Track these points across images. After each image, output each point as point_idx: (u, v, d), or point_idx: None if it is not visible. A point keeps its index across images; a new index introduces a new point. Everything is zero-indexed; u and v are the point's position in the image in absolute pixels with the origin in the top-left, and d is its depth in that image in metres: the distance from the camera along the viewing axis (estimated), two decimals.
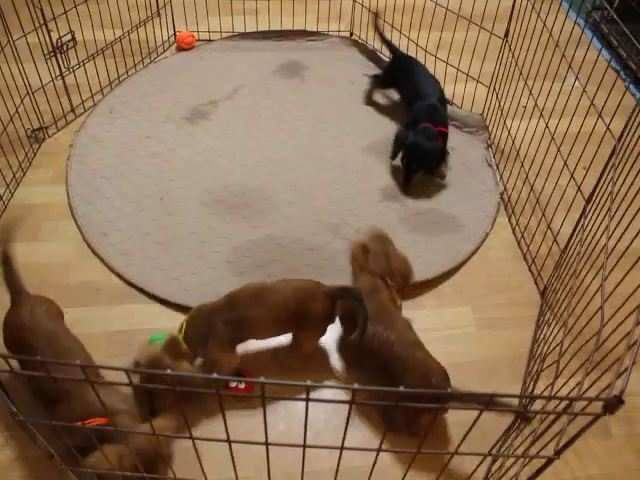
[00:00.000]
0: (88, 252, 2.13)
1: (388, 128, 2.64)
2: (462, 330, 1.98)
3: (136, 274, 2.07)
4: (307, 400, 0.81)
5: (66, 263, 2.10)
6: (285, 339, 1.88)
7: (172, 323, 1.91)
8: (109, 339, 1.90)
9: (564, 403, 1.24)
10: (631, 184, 1.51)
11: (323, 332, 1.82)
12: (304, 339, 1.84)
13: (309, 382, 0.81)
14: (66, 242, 2.16)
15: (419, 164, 2.31)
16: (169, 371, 0.79)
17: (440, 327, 1.98)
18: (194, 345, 1.67)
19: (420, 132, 2.30)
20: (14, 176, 2.34)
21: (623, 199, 1.51)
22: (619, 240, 1.47)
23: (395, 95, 2.77)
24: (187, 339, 1.67)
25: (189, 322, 1.70)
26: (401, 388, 0.78)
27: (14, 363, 1.60)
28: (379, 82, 2.78)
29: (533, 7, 2.15)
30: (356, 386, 0.79)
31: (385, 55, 2.98)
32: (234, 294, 1.73)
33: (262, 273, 2.07)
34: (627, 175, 1.56)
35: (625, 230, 1.46)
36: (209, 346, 1.66)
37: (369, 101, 2.77)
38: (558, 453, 0.97)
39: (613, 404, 0.84)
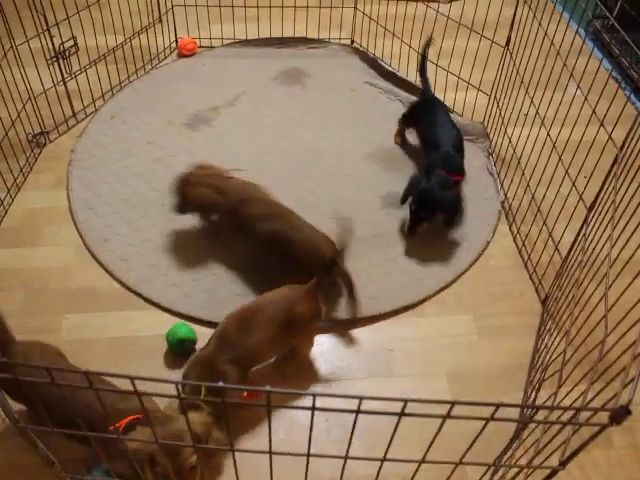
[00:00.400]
0: (89, 257, 2.13)
1: (389, 136, 2.64)
2: (463, 338, 1.97)
3: (137, 280, 2.06)
4: (313, 409, 0.81)
5: (67, 268, 2.09)
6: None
7: None
8: (109, 345, 1.89)
9: (567, 413, 1.23)
10: (634, 193, 1.51)
11: (315, 332, 1.82)
12: (300, 344, 1.84)
13: (315, 391, 0.80)
14: (67, 247, 2.15)
15: (428, 213, 2.15)
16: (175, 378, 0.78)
17: (441, 335, 1.98)
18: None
19: (434, 179, 2.16)
20: (15, 181, 2.33)
21: (626, 208, 1.51)
22: (622, 249, 1.48)
23: (392, 107, 2.78)
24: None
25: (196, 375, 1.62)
26: (409, 397, 0.78)
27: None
28: (404, 121, 2.58)
29: (534, 16, 2.15)
30: (363, 395, 0.79)
31: (386, 62, 2.98)
32: (223, 332, 1.67)
33: (263, 281, 2.06)
34: (630, 184, 1.56)
35: (628, 239, 1.46)
36: (227, 393, 1.61)
37: (401, 141, 2.62)
38: (563, 464, 0.96)
39: (620, 415, 0.83)
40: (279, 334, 1.69)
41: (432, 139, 2.33)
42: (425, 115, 2.44)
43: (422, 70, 2.55)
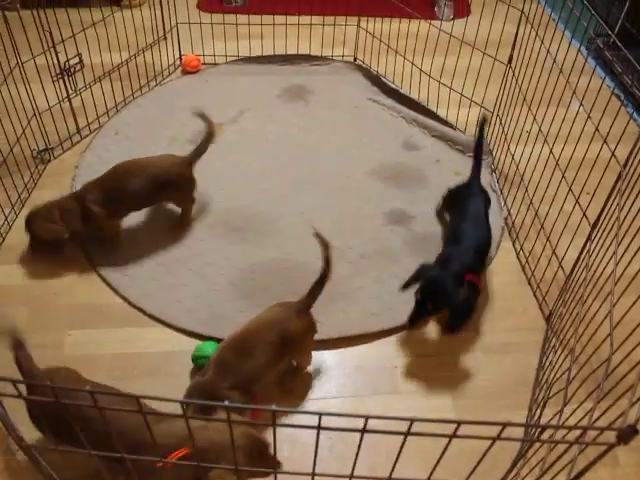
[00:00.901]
0: (92, 273, 2.13)
1: (393, 153, 2.65)
2: (467, 355, 1.96)
3: (140, 296, 2.06)
4: (318, 428, 0.81)
5: (70, 284, 2.09)
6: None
7: (175, 346, 1.91)
8: (112, 362, 1.89)
9: (573, 432, 1.23)
10: (638, 211, 1.51)
11: (312, 345, 1.83)
12: (299, 359, 1.84)
13: (319, 409, 0.80)
14: (71, 263, 2.15)
15: (435, 306, 1.88)
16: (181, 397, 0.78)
17: (445, 352, 1.97)
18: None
19: (448, 270, 1.91)
20: (19, 197, 2.34)
21: (630, 225, 1.51)
22: (627, 266, 1.47)
23: (395, 124, 2.79)
24: None
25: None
26: (414, 414, 0.77)
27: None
28: (442, 202, 2.35)
29: (537, 34, 2.17)
30: (368, 414, 0.79)
31: (389, 79, 3.00)
32: (220, 359, 1.67)
33: (266, 296, 2.06)
34: (634, 201, 1.56)
35: (633, 257, 1.45)
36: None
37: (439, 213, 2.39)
38: None
39: (627, 434, 0.83)
40: (276, 355, 1.69)
41: (456, 230, 2.08)
42: (459, 202, 2.19)
43: (477, 150, 2.27)
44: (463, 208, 2.13)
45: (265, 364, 1.67)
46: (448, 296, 1.86)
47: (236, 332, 1.72)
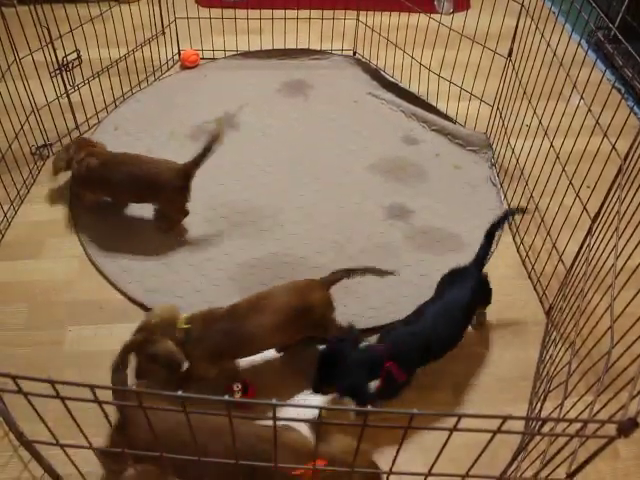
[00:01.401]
0: (92, 269, 2.13)
1: (392, 147, 2.65)
2: (468, 349, 1.96)
3: (140, 291, 2.06)
4: (320, 423, 0.81)
5: (70, 280, 2.09)
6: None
7: None
8: (112, 358, 1.87)
9: (574, 425, 1.23)
10: (639, 204, 1.51)
11: (335, 321, 1.83)
12: (323, 334, 1.83)
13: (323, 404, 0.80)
14: (70, 259, 2.15)
15: (328, 380, 1.63)
16: (180, 392, 0.78)
17: None
18: (186, 344, 1.65)
19: (361, 349, 1.68)
20: (18, 193, 2.34)
21: (631, 219, 1.51)
22: (628, 259, 1.47)
23: (395, 118, 2.78)
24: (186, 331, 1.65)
25: (194, 320, 1.68)
26: (414, 410, 0.77)
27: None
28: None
29: (537, 27, 2.16)
30: (369, 409, 0.79)
31: (388, 73, 2.99)
32: (236, 305, 1.74)
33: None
34: (635, 195, 1.56)
35: (634, 250, 1.45)
36: (194, 351, 1.65)
37: None
38: (571, 476, 0.96)
39: (628, 427, 0.83)
40: (290, 321, 1.71)
41: (418, 311, 1.81)
42: (441, 285, 1.90)
43: (490, 234, 1.92)
44: (438, 293, 1.87)
45: (269, 328, 1.69)
46: (339, 372, 1.61)
47: (261, 292, 1.77)
